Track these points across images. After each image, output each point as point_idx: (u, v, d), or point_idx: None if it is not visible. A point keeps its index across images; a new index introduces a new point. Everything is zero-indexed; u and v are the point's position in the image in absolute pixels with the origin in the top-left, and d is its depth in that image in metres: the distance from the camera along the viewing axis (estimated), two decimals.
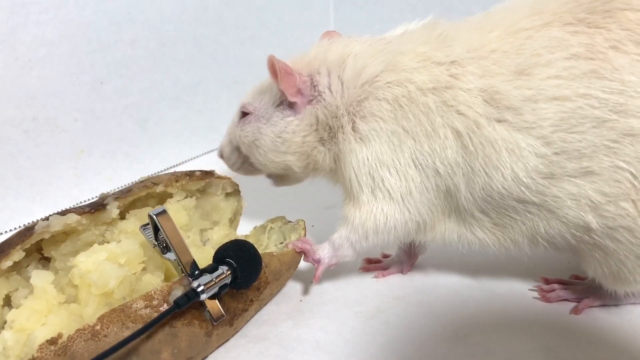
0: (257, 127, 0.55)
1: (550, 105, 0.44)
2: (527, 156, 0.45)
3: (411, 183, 0.49)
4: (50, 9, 0.66)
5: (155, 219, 0.42)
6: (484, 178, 0.46)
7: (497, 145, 0.45)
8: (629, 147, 0.43)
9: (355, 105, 0.50)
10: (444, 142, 0.47)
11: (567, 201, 0.45)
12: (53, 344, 0.36)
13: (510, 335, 0.46)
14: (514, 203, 0.47)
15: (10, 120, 0.64)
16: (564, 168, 0.45)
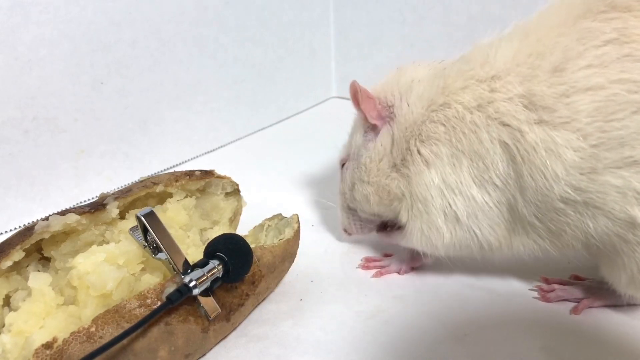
0: (353, 167, 0.57)
1: (583, 96, 0.43)
2: (564, 152, 0.43)
3: (474, 203, 0.48)
4: (51, 9, 0.66)
5: (143, 220, 0.42)
6: (531, 184, 0.45)
7: (538, 147, 0.44)
8: None
9: (418, 128, 0.51)
10: (493, 157, 0.47)
11: (611, 194, 0.43)
12: (49, 348, 0.36)
13: (510, 334, 0.46)
14: (561, 205, 0.45)
15: (11, 120, 0.64)
16: (605, 159, 0.43)
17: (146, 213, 0.43)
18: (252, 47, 0.93)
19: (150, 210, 0.43)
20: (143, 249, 0.44)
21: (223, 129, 0.93)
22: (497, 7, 0.92)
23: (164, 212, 0.50)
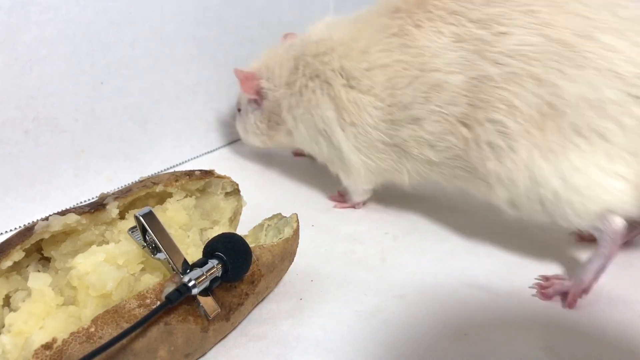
0: (243, 119, 0.80)
1: (378, 71, 0.61)
2: (370, 110, 0.62)
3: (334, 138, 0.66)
4: (51, 9, 0.66)
5: (142, 220, 0.42)
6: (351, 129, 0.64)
7: (353, 103, 0.63)
8: (437, 95, 0.57)
9: (283, 101, 0.71)
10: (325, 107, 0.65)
11: (411, 142, 0.60)
12: (48, 348, 0.36)
13: (511, 334, 0.46)
14: (382, 146, 0.63)
15: (11, 120, 0.64)
16: (398, 117, 0.60)
17: (145, 213, 0.43)
18: (252, 47, 0.93)
19: (149, 210, 0.43)
20: (142, 249, 0.44)
21: (223, 129, 0.93)
22: None
23: (163, 212, 0.50)
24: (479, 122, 0.54)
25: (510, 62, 0.53)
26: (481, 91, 0.54)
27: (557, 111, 0.51)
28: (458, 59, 0.55)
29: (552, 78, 0.51)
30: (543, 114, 0.51)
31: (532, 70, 0.52)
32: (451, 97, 0.56)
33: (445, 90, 0.56)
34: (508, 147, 0.53)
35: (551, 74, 0.51)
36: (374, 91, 0.61)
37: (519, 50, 0.52)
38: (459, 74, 0.55)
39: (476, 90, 0.54)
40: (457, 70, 0.55)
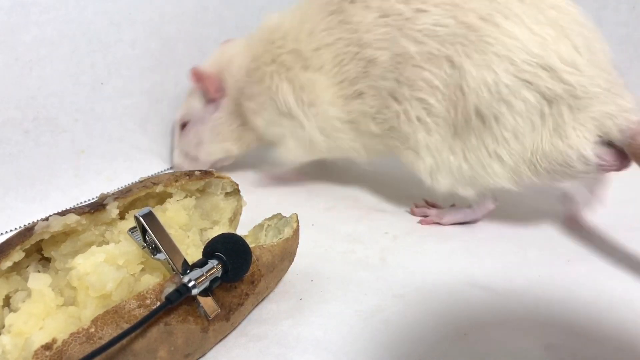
0: (197, 130, 0.76)
1: (326, 50, 0.64)
2: (326, 87, 0.65)
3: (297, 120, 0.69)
4: (51, 9, 0.66)
5: (142, 220, 0.42)
6: (312, 109, 0.67)
7: (310, 83, 0.66)
8: (372, 69, 0.61)
9: (244, 91, 0.72)
10: (285, 91, 0.67)
11: (359, 116, 0.65)
12: (48, 349, 0.36)
13: (511, 333, 0.46)
14: (339, 124, 0.67)
15: (11, 121, 0.64)
16: (348, 93, 0.64)
17: (144, 213, 0.43)
18: None
19: (148, 211, 0.43)
20: (142, 249, 0.44)
21: None
22: None
23: (163, 212, 0.50)
24: (406, 98, 0.59)
25: (427, 42, 0.57)
26: (405, 69, 0.58)
27: (464, 93, 0.56)
28: (384, 35, 0.59)
29: (460, 61, 0.55)
30: (456, 95, 0.56)
31: (446, 52, 0.56)
32: (382, 72, 0.60)
33: (377, 66, 0.60)
34: (434, 123, 0.59)
35: (460, 57, 0.56)
36: (325, 69, 0.65)
37: (434, 30, 0.56)
38: (385, 49, 0.59)
39: (401, 68, 0.59)
40: (384, 46, 0.60)
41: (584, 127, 0.54)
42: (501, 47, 0.54)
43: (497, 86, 0.54)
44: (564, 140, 0.54)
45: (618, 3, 0.82)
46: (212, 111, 0.75)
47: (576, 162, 0.55)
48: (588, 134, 0.54)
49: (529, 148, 0.56)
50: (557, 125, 0.54)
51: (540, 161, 0.56)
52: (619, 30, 0.83)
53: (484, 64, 0.54)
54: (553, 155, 0.55)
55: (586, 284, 0.53)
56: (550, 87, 0.54)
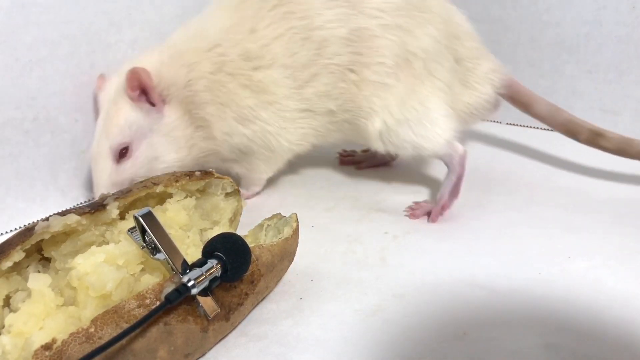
0: (149, 144, 0.64)
1: (275, 43, 0.65)
2: (282, 81, 0.66)
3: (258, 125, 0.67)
4: (51, 10, 0.66)
5: (141, 220, 0.42)
6: (273, 107, 0.67)
7: (264, 82, 0.65)
8: (326, 49, 0.65)
9: (191, 100, 0.65)
10: (242, 97, 0.65)
11: (314, 99, 0.67)
12: (48, 349, 0.36)
13: (511, 332, 0.46)
14: (297, 114, 0.68)
15: (11, 121, 0.64)
16: (302, 78, 0.66)
17: (144, 213, 0.43)
18: None
19: (148, 211, 0.43)
20: (142, 249, 0.44)
21: None
22: (497, 7, 0.92)
23: (163, 212, 0.50)
24: (366, 65, 0.65)
25: (382, 15, 0.65)
26: (363, 40, 0.65)
27: (413, 53, 0.65)
28: (337, 15, 0.65)
29: (409, 27, 0.65)
30: (408, 58, 0.65)
31: (398, 22, 0.65)
32: (337, 49, 0.65)
33: (332, 44, 0.65)
34: (391, 82, 0.66)
35: (409, 24, 0.65)
36: (277, 63, 0.65)
37: (385, 6, 0.65)
38: (341, 27, 0.64)
39: (359, 40, 0.65)
40: (338, 25, 0.64)
41: (482, 79, 0.71)
42: (438, 17, 0.67)
43: (435, 49, 0.66)
44: (475, 90, 0.71)
45: (618, 3, 0.82)
46: (158, 119, 0.64)
47: (487, 104, 0.72)
48: (486, 84, 0.72)
49: (456, 98, 0.70)
50: (465, 80, 0.70)
51: (465, 108, 0.71)
52: (619, 30, 0.83)
53: (425, 32, 0.66)
54: (472, 102, 0.71)
55: (586, 282, 0.53)
56: (459, 50, 0.69)
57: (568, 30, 0.87)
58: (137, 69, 0.61)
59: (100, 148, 0.63)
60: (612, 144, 0.72)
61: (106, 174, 0.63)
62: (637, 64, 0.83)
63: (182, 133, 0.65)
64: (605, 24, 0.83)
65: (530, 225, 0.63)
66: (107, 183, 0.63)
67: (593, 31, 0.85)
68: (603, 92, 0.87)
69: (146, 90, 0.62)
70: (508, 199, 0.70)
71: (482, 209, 0.67)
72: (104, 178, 0.63)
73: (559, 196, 0.70)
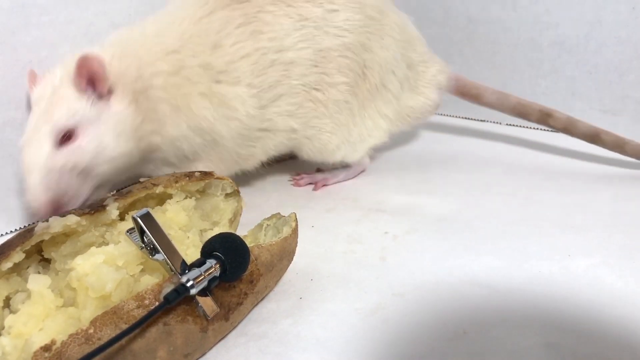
0: (95, 134, 0.58)
1: (242, 62, 0.64)
2: (244, 100, 0.64)
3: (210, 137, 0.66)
4: (51, 11, 0.66)
5: (140, 221, 0.42)
6: (233, 123, 0.65)
7: (227, 97, 0.64)
8: (293, 70, 0.66)
9: (142, 96, 0.61)
10: (200, 106, 0.63)
11: (276, 118, 0.67)
12: (47, 350, 0.36)
13: (510, 331, 0.46)
14: (258, 133, 0.68)
15: (11, 122, 0.64)
16: (266, 98, 0.66)
17: (142, 214, 0.43)
18: None
19: (146, 212, 0.43)
20: (140, 250, 0.44)
21: None
22: (497, 7, 0.92)
23: (163, 213, 0.50)
24: (332, 84, 0.68)
25: (345, 34, 0.67)
26: (328, 60, 0.67)
27: (371, 69, 0.70)
28: (304, 36, 0.65)
29: (370, 45, 0.69)
30: (365, 73, 0.70)
31: (360, 40, 0.68)
32: (304, 69, 0.66)
33: (299, 65, 0.66)
34: (350, 100, 0.70)
35: (370, 41, 0.69)
36: (244, 82, 0.64)
37: (349, 24, 0.67)
38: (307, 48, 0.66)
39: (325, 61, 0.67)
40: (305, 46, 0.66)
41: (430, 82, 0.77)
42: (391, 27, 0.71)
43: (391, 60, 0.71)
44: (421, 95, 0.77)
45: (618, 4, 0.82)
46: (105, 109, 0.59)
47: (430, 108, 0.79)
48: (433, 86, 0.78)
49: (402, 105, 0.75)
50: (415, 85, 0.76)
51: (409, 114, 0.77)
52: (619, 30, 0.83)
53: (384, 45, 0.70)
54: (417, 107, 0.77)
55: (587, 281, 0.53)
56: (412, 56, 0.75)
57: (568, 30, 0.87)
58: (89, 56, 0.56)
59: (37, 133, 0.56)
60: (559, 123, 0.78)
61: (42, 157, 0.56)
62: (637, 64, 0.83)
63: (129, 125, 0.60)
64: (605, 25, 0.83)
65: (530, 224, 0.63)
66: (41, 167, 0.55)
67: (593, 32, 0.85)
68: (603, 93, 0.87)
69: (94, 79, 0.57)
70: (508, 198, 0.70)
71: (482, 209, 0.67)
72: (39, 162, 0.56)
73: (559, 195, 0.70)
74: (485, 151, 0.87)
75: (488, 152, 0.87)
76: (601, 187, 0.72)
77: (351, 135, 0.72)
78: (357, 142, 0.73)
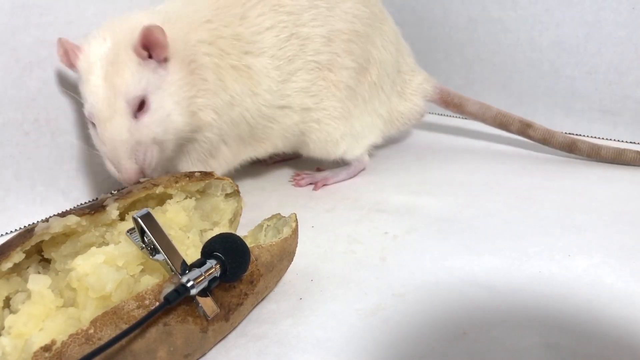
0: (161, 101, 0.59)
1: (267, 34, 0.66)
2: (271, 71, 0.66)
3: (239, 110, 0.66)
4: (51, 11, 0.66)
5: (140, 221, 0.42)
6: (257, 99, 0.66)
7: (253, 70, 0.65)
8: (309, 45, 0.68)
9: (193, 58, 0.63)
10: (230, 79, 0.64)
11: (294, 95, 0.68)
12: (47, 350, 0.36)
13: (510, 332, 0.46)
14: (277, 111, 0.69)
15: (11, 122, 0.64)
16: (287, 72, 0.67)
17: (142, 214, 0.43)
18: None
19: (146, 212, 0.43)
20: (141, 250, 0.44)
21: None
22: (497, 8, 0.92)
23: (163, 213, 0.50)
24: (342, 67, 0.70)
25: (354, 21, 0.70)
26: (340, 41, 0.69)
27: (372, 64, 0.73)
28: (318, 15, 0.68)
29: (374, 40, 0.73)
30: (367, 67, 0.73)
31: (366, 30, 0.71)
32: (318, 46, 0.68)
33: (313, 41, 0.68)
34: (358, 90, 0.73)
35: (374, 36, 0.73)
36: (267, 53, 0.66)
37: (357, 14, 0.71)
38: (320, 27, 0.68)
39: (336, 40, 0.69)
40: (319, 24, 0.68)
41: (417, 90, 0.82)
42: (389, 30, 0.76)
43: (387, 62, 0.75)
44: (409, 101, 0.81)
45: (618, 4, 0.82)
46: (164, 76, 0.60)
47: (417, 115, 0.83)
48: (420, 94, 0.82)
49: (392, 108, 0.79)
50: (403, 91, 0.80)
51: (398, 118, 0.81)
52: (619, 31, 0.83)
53: (383, 44, 0.74)
54: (405, 112, 0.81)
55: (586, 280, 0.53)
56: (401, 63, 0.79)
57: (567, 31, 0.87)
58: (152, 26, 0.56)
59: (112, 106, 0.57)
60: (538, 133, 0.81)
61: (125, 130, 0.57)
62: (636, 65, 0.83)
63: (185, 94, 0.61)
64: (605, 25, 0.83)
65: (530, 224, 0.63)
66: (128, 140, 0.57)
67: (593, 32, 0.85)
68: (603, 93, 0.87)
69: (154, 47, 0.58)
70: (508, 198, 0.70)
71: (482, 209, 0.67)
72: (124, 135, 0.57)
73: (559, 195, 0.70)
74: (485, 151, 0.87)
75: (488, 152, 0.87)
76: (601, 187, 0.72)
77: (354, 127, 0.74)
78: (358, 136, 0.75)
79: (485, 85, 0.97)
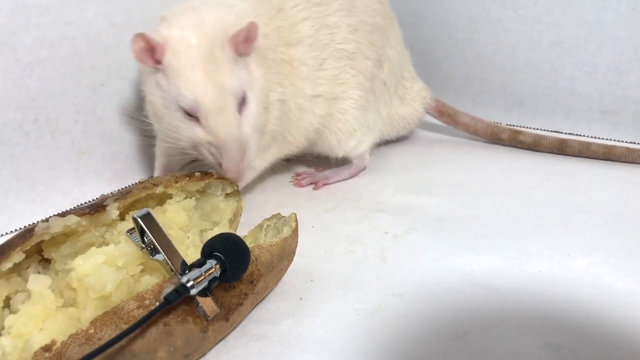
0: (252, 98, 0.60)
1: (303, 24, 0.68)
2: (306, 60, 0.68)
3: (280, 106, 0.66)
4: (51, 11, 0.66)
5: (140, 221, 0.42)
6: (296, 89, 0.67)
7: (294, 60, 0.67)
8: (338, 33, 0.70)
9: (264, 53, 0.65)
10: (282, 71, 0.66)
11: (325, 84, 0.70)
12: (47, 350, 0.36)
13: (511, 331, 0.46)
14: (311, 102, 0.69)
15: (11, 122, 0.64)
16: (320, 59, 0.69)
17: (142, 214, 0.43)
18: None
19: (146, 212, 0.43)
20: (141, 250, 0.44)
21: None
22: (497, 8, 0.92)
23: (163, 213, 0.50)
24: (366, 57, 0.72)
25: (375, 15, 0.73)
26: (361, 32, 0.71)
27: (386, 60, 0.76)
28: (344, 5, 0.70)
29: (389, 37, 0.76)
30: (382, 61, 0.75)
31: (383, 24, 0.75)
32: (346, 35, 0.70)
33: (341, 30, 0.70)
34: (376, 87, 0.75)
35: (389, 34, 0.76)
36: (304, 44, 0.67)
37: (378, 7, 0.74)
38: (346, 17, 0.70)
39: (361, 30, 0.71)
40: (344, 14, 0.70)
41: (416, 96, 0.85)
42: (398, 39, 0.80)
43: (396, 64, 0.78)
44: (409, 106, 0.84)
45: (618, 4, 0.82)
46: (252, 71, 0.61)
47: (417, 120, 0.86)
48: (419, 101, 0.85)
49: (393, 111, 0.82)
50: (404, 97, 0.83)
51: (398, 120, 0.84)
52: (619, 31, 0.83)
53: (394, 45, 0.78)
54: (405, 116, 0.84)
55: (587, 280, 0.53)
56: (404, 69, 0.82)
57: (567, 31, 0.87)
58: (255, 23, 0.58)
59: (222, 103, 0.57)
60: (529, 138, 0.83)
61: (236, 125, 0.58)
62: (636, 65, 0.83)
63: (266, 89, 0.62)
64: (605, 25, 0.83)
65: (530, 224, 0.63)
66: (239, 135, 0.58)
67: (593, 32, 0.85)
68: (603, 93, 0.87)
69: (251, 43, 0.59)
70: (508, 198, 0.70)
71: (482, 209, 0.67)
72: (235, 130, 0.57)
73: (559, 195, 0.70)
74: (486, 151, 0.87)
75: (488, 152, 0.87)
76: (601, 187, 0.72)
77: (367, 119, 0.75)
78: (369, 129, 0.77)
79: (485, 85, 0.97)
